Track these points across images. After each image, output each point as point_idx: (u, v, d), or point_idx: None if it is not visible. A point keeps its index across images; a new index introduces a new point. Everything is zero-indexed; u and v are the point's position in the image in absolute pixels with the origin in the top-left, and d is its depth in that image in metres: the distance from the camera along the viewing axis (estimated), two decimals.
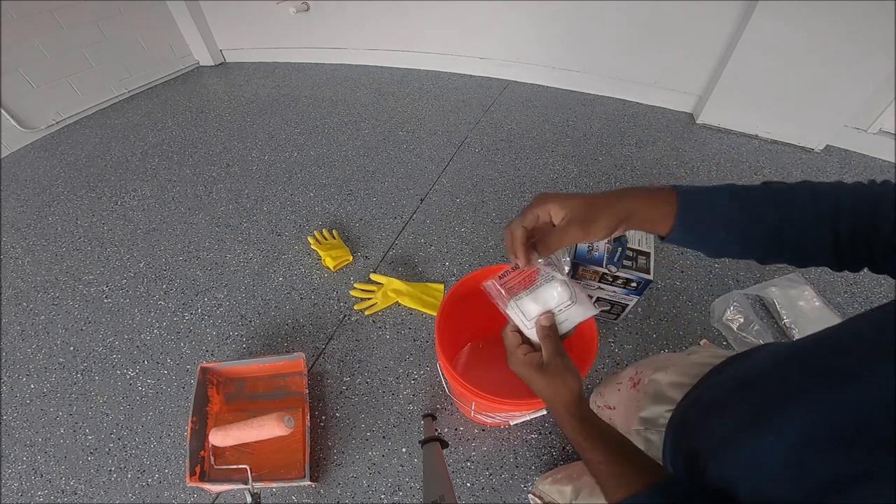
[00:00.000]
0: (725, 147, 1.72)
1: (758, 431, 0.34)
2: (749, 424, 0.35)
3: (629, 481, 0.37)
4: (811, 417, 0.30)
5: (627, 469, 0.38)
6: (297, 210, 1.50)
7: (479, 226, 1.39)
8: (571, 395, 0.43)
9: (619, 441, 0.41)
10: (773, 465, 0.32)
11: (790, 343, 0.41)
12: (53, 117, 2.03)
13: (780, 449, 0.31)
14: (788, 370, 0.37)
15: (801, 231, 0.37)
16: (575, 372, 0.44)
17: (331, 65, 2.51)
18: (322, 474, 0.87)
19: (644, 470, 0.38)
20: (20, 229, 1.50)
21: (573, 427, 0.42)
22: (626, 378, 0.68)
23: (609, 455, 0.39)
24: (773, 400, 0.35)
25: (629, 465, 0.38)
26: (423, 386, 1.00)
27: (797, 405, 0.32)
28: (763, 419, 0.34)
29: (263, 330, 1.13)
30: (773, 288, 1.12)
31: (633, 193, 0.41)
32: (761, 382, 0.40)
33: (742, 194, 0.40)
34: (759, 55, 1.56)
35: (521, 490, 0.84)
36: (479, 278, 0.79)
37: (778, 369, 0.39)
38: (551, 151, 1.71)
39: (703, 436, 0.42)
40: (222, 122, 2.03)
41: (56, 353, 1.12)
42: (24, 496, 0.88)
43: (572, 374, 0.44)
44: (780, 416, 0.33)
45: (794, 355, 0.38)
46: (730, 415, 0.40)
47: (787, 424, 0.32)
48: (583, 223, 0.41)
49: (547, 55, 2.06)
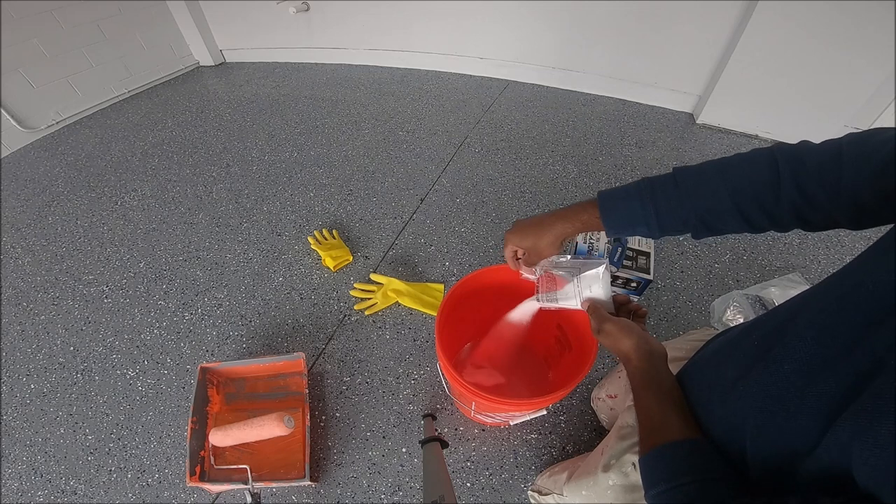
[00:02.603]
0: (725, 147, 1.72)
1: (767, 364, 0.35)
2: (756, 361, 0.36)
3: (671, 430, 0.38)
4: (815, 334, 0.31)
5: (673, 420, 0.39)
6: (297, 210, 1.50)
7: (479, 226, 1.39)
8: (627, 351, 0.46)
9: (672, 395, 0.41)
10: (781, 391, 0.32)
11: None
12: (53, 117, 2.03)
13: (788, 371, 0.32)
14: (786, 308, 0.38)
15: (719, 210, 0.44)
16: (632, 331, 0.47)
17: (331, 65, 2.51)
18: (322, 474, 0.87)
19: (688, 426, 0.39)
20: (20, 229, 1.50)
21: (631, 374, 0.45)
22: None
23: (658, 404, 0.41)
24: (773, 334, 0.36)
25: (676, 417, 0.39)
26: (423, 386, 1.00)
27: (813, 321, 0.32)
28: (768, 352, 0.35)
29: (263, 330, 1.13)
30: (772, 288, 1.12)
31: (572, 209, 0.54)
32: (759, 326, 0.41)
33: (654, 187, 0.48)
34: (759, 55, 1.56)
35: (521, 490, 0.84)
36: (479, 278, 0.79)
37: (775, 312, 0.40)
38: (551, 151, 1.71)
39: (703, 388, 0.43)
40: (222, 122, 2.03)
41: (56, 353, 1.12)
42: (24, 496, 0.88)
43: (628, 334, 0.47)
44: (783, 345, 0.34)
45: (792, 303, 0.39)
46: (731, 362, 0.40)
47: (793, 348, 0.32)
48: (533, 250, 0.59)
49: (547, 55, 2.06)
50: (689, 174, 0.46)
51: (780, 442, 0.31)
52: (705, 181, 0.45)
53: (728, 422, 0.37)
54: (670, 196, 0.47)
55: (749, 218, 0.43)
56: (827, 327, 0.31)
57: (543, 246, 0.57)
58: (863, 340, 0.27)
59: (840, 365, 0.28)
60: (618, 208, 0.50)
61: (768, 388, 0.33)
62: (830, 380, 0.28)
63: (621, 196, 0.50)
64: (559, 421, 0.93)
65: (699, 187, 0.45)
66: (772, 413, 0.32)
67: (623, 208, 0.49)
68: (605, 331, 0.49)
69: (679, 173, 0.47)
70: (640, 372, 0.44)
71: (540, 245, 0.58)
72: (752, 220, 0.43)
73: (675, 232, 0.48)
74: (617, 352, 0.48)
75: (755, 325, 0.42)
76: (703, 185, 0.45)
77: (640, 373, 0.44)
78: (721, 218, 0.44)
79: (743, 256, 1.26)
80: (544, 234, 0.56)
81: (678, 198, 0.46)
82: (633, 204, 0.48)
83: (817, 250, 1.28)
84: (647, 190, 0.48)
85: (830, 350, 0.29)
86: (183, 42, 2.49)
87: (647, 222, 0.48)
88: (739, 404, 0.36)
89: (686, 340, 0.60)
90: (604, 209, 0.50)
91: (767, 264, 1.23)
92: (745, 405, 0.35)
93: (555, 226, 0.55)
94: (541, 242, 0.57)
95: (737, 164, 0.44)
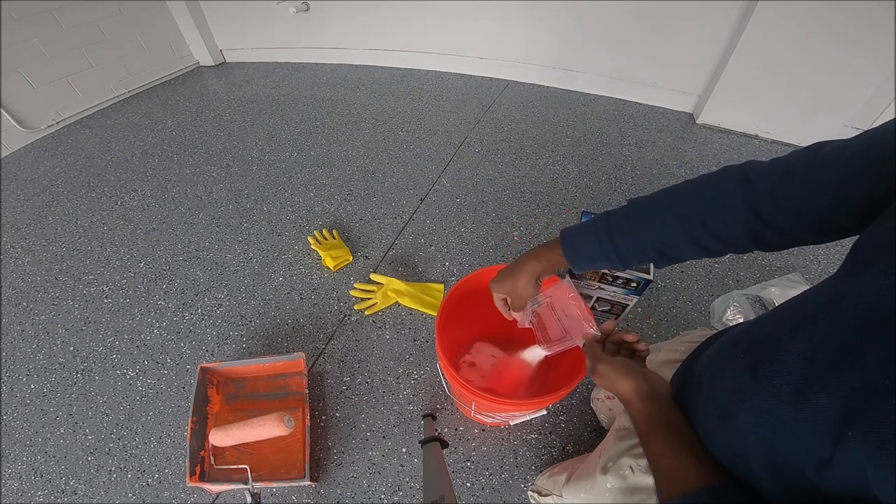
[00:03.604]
0: (725, 147, 1.72)
1: (757, 379, 0.33)
2: (748, 375, 0.35)
3: (688, 477, 0.36)
4: (811, 341, 0.30)
5: (688, 466, 0.37)
6: (297, 210, 1.50)
7: (479, 226, 1.39)
8: (626, 394, 0.44)
9: (683, 437, 0.39)
10: (774, 407, 0.31)
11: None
12: (53, 117, 2.03)
13: (778, 387, 0.31)
14: (771, 318, 0.38)
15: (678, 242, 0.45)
16: (629, 371, 0.45)
17: (331, 65, 2.51)
18: (322, 474, 0.87)
19: (706, 469, 0.36)
20: (20, 229, 1.50)
21: (634, 419, 0.43)
22: None
23: (671, 450, 0.38)
24: (760, 347, 0.35)
25: (690, 461, 0.37)
26: (423, 386, 1.00)
27: (797, 335, 0.31)
28: (757, 365, 0.34)
29: (263, 330, 1.13)
30: (772, 288, 1.12)
31: (540, 248, 0.56)
32: (747, 334, 0.40)
33: (610, 223, 0.49)
34: (759, 55, 1.56)
35: (521, 490, 0.84)
36: (479, 278, 0.79)
37: (759, 322, 0.40)
38: (551, 151, 1.70)
39: (700, 400, 0.41)
40: (222, 122, 2.03)
41: (56, 353, 1.12)
42: (24, 496, 0.88)
43: (625, 374, 0.45)
44: (769, 360, 0.33)
45: (786, 305, 0.38)
46: (725, 374, 0.39)
47: (780, 362, 0.32)
48: (513, 293, 0.61)
49: (547, 55, 2.06)
50: (640, 206, 0.47)
51: (784, 457, 0.30)
52: (656, 212, 0.46)
53: (729, 439, 0.36)
54: (625, 230, 0.47)
55: (703, 245, 0.43)
56: (812, 340, 0.30)
57: (521, 287, 0.59)
58: (850, 354, 0.27)
59: (830, 380, 0.27)
60: (579, 246, 0.51)
61: (761, 404, 0.32)
62: (821, 395, 0.27)
63: (581, 234, 0.51)
64: (559, 421, 0.93)
65: (651, 219, 0.46)
66: (771, 428, 0.31)
67: (583, 245, 0.51)
68: (599, 372, 0.47)
69: (632, 206, 0.48)
70: (643, 416, 0.42)
71: (517, 287, 0.60)
72: (707, 246, 0.43)
73: (637, 263, 0.49)
74: (615, 393, 0.46)
75: (744, 333, 0.40)
76: (655, 216, 0.45)
77: (644, 417, 0.42)
78: (676, 247, 0.45)
79: (743, 256, 1.26)
80: (518, 276, 0.59)
81: (632, 231, 0.47)
82: (591, 241, 0.50)
83: (817, 250, 1.28)
84: (604, 226, 0.49)
85: (816, 364, 0.29)
86: (183, 42, 2.49)
87: (607, 257, 0.49)
88: (739, 419, 0.34)
89: (682, 342, 0.60)
90: (566, 248, 0.52)
91: (767, 264, 1.23)
92: (744, 420, 0.34)
93: (525, 266, 0.58)
94: (518, 285, 0.59)
95: (685, 192, 0.44)
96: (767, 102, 1.66)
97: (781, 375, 0.31)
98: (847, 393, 0.26)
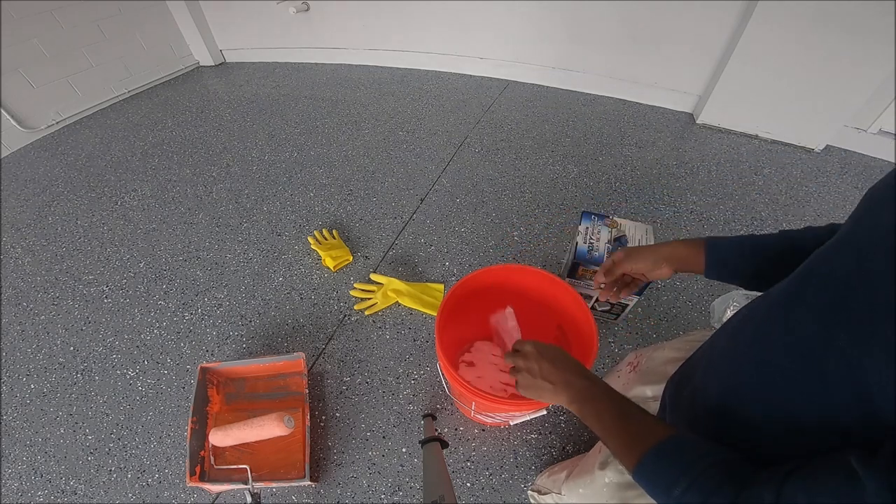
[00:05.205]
0: (725, 147, 1.72)
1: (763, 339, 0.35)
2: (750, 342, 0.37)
3: (653, 431, 0.36)
4: (808, 300, 0.32)
5: (648, 421, 0.38)
6: (297, 210, 1.50)
7: (479, 226, 1.39)
8: (555, 392, 0.46)
9: (622, 411, 0.40)
10: (780, 360, 0.32)
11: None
12: (53, 117, 2.03)
13: (789, 339, 0.32)
14: (781, 290, 0.38)
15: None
16: (545, 374, 0.47)
17: (331, 65, 2.51)
18: (322, 474, 0.87)
19: (653, 430, 0.37)
20: (20, 229, 1.50)
21: (570, 402, 0.44)
22: (625, 364, 0.70)
23: (624, 412, 0.40)
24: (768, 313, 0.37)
25: (649, 417, 0.38)
26: (423, 386, 1.00)
27: (796, 304, 0.33)
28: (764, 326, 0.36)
29: (263, 330, 1.13)
30: None
31: (675, 242, 0.57)
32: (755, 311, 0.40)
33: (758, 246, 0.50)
34: (759, 55, 1.56)
35: (521, 490, 0.84)
36: (479, 278, 0.79)
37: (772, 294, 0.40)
38: (551, 151, 1.71)
39: (707, 375, 0.42)
40: (222, 122, 2.03)
41: (56, 353, 1.12)
42: (24, 496, 0.88)
43: (545, 378, 0.47)
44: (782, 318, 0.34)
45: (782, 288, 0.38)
46: (731, 351, 0.40)
47: (791, 322, 0.32)
48: (633, 257, 0.59)
49: (547, 55, 2.06)
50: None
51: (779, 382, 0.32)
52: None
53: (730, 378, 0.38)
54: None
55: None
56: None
57: (644, 254, 0.59)
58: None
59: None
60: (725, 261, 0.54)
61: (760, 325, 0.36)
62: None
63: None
64: (559, 421, 0.93)
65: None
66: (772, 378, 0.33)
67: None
68: (521, 380, 0.49)
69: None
70: (579, 393, 0.43)
71: (643, 253, 0.59)
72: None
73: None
74: (545, 398, 0.48)
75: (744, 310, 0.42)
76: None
77: (579, 392, 0.43)
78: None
79: None
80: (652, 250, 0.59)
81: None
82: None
83: None
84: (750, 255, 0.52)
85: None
86: (183, 42, 2.49)
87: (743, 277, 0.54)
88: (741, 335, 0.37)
89: (685, 341, 0.61)
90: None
91: None
92: (743, 337, 0.37)
93: (662, 249, 0.58)
94: (644, 252, 0.59)
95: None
96: (767, 102, 1.66)
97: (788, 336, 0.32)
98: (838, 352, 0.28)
